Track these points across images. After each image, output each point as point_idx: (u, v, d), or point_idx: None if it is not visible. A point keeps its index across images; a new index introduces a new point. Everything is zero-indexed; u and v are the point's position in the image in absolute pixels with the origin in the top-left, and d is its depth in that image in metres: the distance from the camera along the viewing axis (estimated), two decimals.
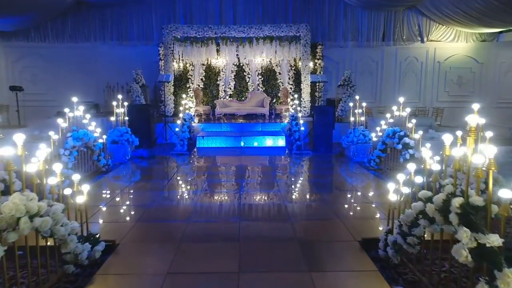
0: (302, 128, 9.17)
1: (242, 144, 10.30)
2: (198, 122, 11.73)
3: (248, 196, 5.80)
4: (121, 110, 8.66)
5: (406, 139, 6.30)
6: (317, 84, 13.18)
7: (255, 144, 10.30)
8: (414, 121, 6.33)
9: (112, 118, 8.50)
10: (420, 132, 6.00)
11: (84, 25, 14.73)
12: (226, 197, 5.81)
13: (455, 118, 13.19)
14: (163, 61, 12.67)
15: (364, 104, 8.77)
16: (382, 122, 7.55)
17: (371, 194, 6.05)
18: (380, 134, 7.66)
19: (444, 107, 14.19)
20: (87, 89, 14.89)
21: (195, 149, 10.09)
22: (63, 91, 14.87)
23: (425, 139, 6.47)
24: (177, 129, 9.18)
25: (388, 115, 7.36)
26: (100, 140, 7.56)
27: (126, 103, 8.77)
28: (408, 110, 6.63)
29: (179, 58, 13.10)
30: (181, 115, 9.64)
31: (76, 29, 14.77)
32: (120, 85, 14.36)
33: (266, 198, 5.80)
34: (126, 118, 8.77)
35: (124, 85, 14.02)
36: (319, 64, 13.38)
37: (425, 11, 14.18)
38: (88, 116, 7.24)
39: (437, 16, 14.04)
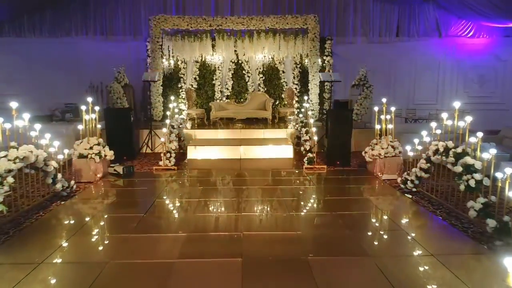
0: (315, 138, 7.29)
1: (241, 155, 8.42)
2: (190, 128, 9.85)
3: (253, 246, 3.94)
4: (91, 116, 6.77)
5: (468, 159, 4.44)
6: (326, 84, 11.36)
7: (257, 155, 8.43)
8: (480, 134, 4.46)
9: (80, 126, 6.61)
10: (493, 151, 4.14)
11: (64, 18, 12.87)
12: (223, 249, 3.94)
13: (477, 121, 11.40)
14: (151, 57, 10.76)
15: (393, 109, 6.92)
16: (423, 133, 5.70)
17: (420, 234, 4.18)
18: (420, 148, 5.81)
19: (464, 109, 12.37)
20: (68, 89, 13.05)
21: (186, 161, 8.21)
22: (42, 92, 13.01)
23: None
24: (162, 139, 7.26)
25: (433, 124, 5.50)
26: (60, 157, 5.68)
27: (97, 108, 6.87)
28: (469, 119, 4.76)
29: (169, 55, 11.21)
30: (168, 121, 7.73)
31: (56, 22, 12.91)
32: (104, 85, 12.43)
33: (280, 248, 3.94)
34: (98, 126, 6.87)
35: (105, 85, 12.10)
36: (328, 61, 11.52)
37: (444, 2, 12.35)
38: (38, 126, 5.35)
39: (457, 8, 12.23)
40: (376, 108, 7.03)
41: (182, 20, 10.37)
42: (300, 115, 9.08)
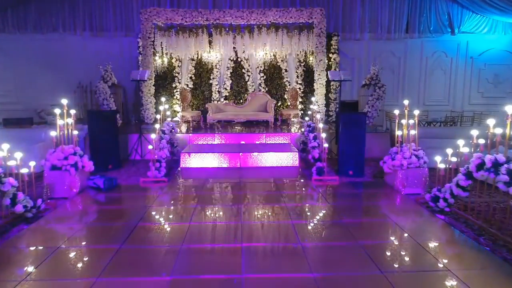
0: (326, 145, 6.28)
1: (240, 164, 7.42)
2: (184, 132, 8.84)
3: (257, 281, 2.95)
4: (67, 121, 5.75)
5: None
6: (332, 83, 10.37)
7: (258, 162, 7.43)
8: None
9: (53, 133, 5.58)
10: None
11: (51, 13, 11.81)
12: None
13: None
14: (142, 55, 9.74)
15: (416, 112, 5.92)
16: (460, 143, 4.71)
17: (474, 278, 3.19)
18: (454, 159, 4.82)
19: (478, 111, 11.42)
20: (56, 89, 12.01)
21: (178, 171, 7.21)
22: (26, 92, 12.00)
23: None
24: (150, 147, 6.24)
25: (474, 132, 4.49)
26: (24, 171, 4.68)
27: (73, 111, 5.84)
28: None
29: (162, 52, 10.19)
30: (157, 126, 6.69)
31: (42, 18, 11.84)
32: (94, 85, 11.38)
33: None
34: (75, 132, 5.84)
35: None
36: (334, 59, 10.52)
37: None
38: None
39: (471, 2, 11.23)
40: (396, 111, 6.03)
41: (176, 14, 9.34)
42: (306, 118, 8.08)
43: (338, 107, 10.57)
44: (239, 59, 10.67)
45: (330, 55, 10.37)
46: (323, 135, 6.47)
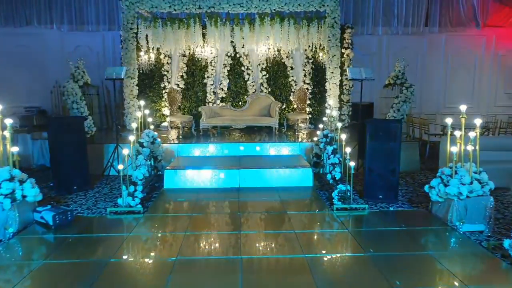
0: (352, 164, 4.64)
1: (239, 183, 5.80)
2: (172, 141, 7.22)
3: None
4: (5, 134, 4.11)
5: None
6: (344, 83, 8.78)
7: (262, 181, 5.81)
8: None
9: None
10: None
11: (24, 4, 10.15)
12: None
13: None
14: (123, 49, 8.09)
15: (478, 121, 4.30)
16: None
17: None
18: None
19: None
20: (31, 89, 10.45)
21: (162, 192, 5.59)
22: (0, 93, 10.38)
23: None
24: (120, 167, 4.57)
25: None
26: None
27: (9, 121, 4.17)
28: None
29: (148, 47, 8.54)
30: (131, 138, 5.02)
31: (14, 9, 10.17)
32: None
33: None
34: (14, 148, 4.19)
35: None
36: (348, 55, 8.90)
37: None
38: None
39: None
40: (449, 120, 4.41)
41: (163, 1, 7.70)
42: (320, 126, 6.45)
43: (350, 111, 9.01)
44: (237, 55, 9.03)
45: (343, 50, 8.74)
46: (347, 149, 4.84)
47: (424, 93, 10.83)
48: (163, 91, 9.00)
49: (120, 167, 4.57)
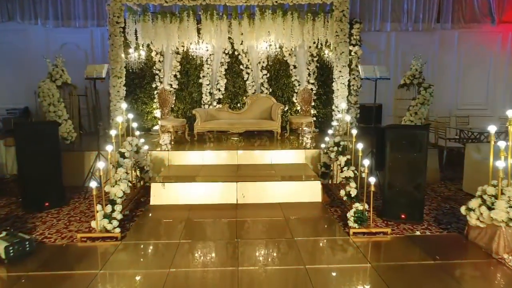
0: (373, 180, 3.82)
1: (237, 198, 4.98)
2: (162, 148, 6.40)
3: None
4: None
5: None
6: (352, 84, 7.98)
7: (264, 196, 4.99)
8: None
9: None
10: None
11: None
12: None
13: None
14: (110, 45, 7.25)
15: None
16: None
17: None
18: None
19: None
20: (15, 90, 9.62)
21: (147, 209, 4.76)
22: None
23: None
24: (92, 185, 3.71)
25: None
26: None
27: None
28: None
29: (137, 43, 7.70)
30: (109, 148, 4.16)
31: None
32: None
33: None
34: None
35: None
36: (356, 52, 8.08)
37: None
38: None
39: None
40: (492, 128, 3.58)
41: None
42: (329, 131, 5.61)
43: (357, 114, 8.20)
44: (236, 53, 8.19)
45: (351, 47, 7.91)
46: (366, 162, 4.01)
47: (436, 94, 9.97)
48: (155, 92, 8.17)
49: (93, 184, 3.73)
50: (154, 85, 8.22)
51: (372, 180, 3.86)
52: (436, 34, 9.85)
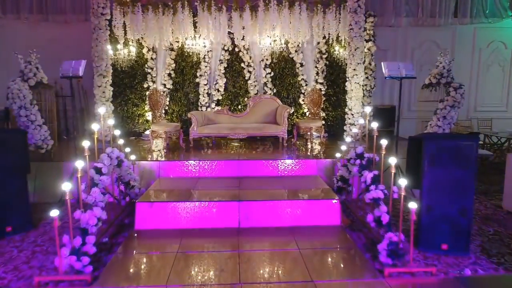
0: (414, 206, 2.95)
1: (239, 221, 4.10)
2: (152, 158, 5.51)
3: None
4: None
5: None
6: (365, 84, 7.12)
7: (270, 219, 4.11)
8: None
9: None
10: None
11: None
12: None
13: None
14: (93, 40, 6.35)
15: None
16: None
17: None
18: None
19: None
20: None
21: (130, 236, 3.88)
22: None
23: None
24: (53, 214, 2.83)
25: None
26: None
27: None
28: None
29: (126, 38, 6.82)
30: (79, 164, 3.27)
31: None
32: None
33: None
34: None
35: (51, 83, 7.61)
36: (369, 49, 7.22)
37: None
38: None
39: None
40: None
41: None
42: (348, 139, 4.74)
43: (371, 116, 7.32)
44: (236, 49, 7.31)
45: (364, 43, 7.03)
46: (403, 182, 3.13)
47: None
48: (147, 92, 7.28)
49: (53, 213, 2.84)
50: (146, 85, 7.34)
51: (413, 205, 2.98)
52: (452, 30, 9.00)
